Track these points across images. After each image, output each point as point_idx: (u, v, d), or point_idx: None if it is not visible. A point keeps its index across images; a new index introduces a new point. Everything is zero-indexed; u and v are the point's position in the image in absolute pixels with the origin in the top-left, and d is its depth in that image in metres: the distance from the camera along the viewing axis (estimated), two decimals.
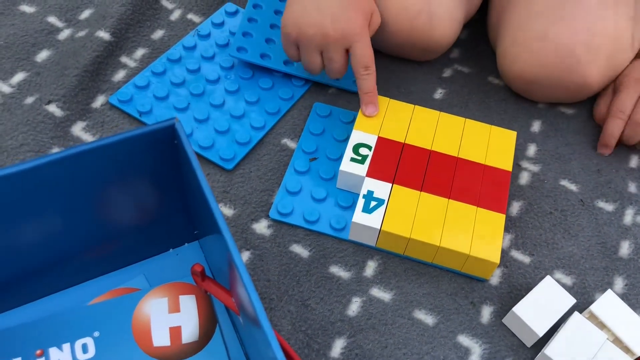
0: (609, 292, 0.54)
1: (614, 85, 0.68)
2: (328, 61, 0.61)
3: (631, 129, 0.65)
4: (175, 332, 0.48)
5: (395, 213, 0.56)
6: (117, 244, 0.51)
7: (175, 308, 0.50)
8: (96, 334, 0.48)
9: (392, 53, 0.71)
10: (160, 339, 0.48)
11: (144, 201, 0.49)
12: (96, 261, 0.51)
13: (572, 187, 0.64)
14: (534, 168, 0.65)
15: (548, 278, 0.55)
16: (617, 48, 0.65)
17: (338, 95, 0.69)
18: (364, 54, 0.59)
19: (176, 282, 0.51)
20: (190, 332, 0.48)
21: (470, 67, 0.74)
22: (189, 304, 0.50)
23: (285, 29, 0.60)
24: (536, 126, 0.69)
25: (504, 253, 0.59)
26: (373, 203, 0.56)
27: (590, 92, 0.67)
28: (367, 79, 0.61)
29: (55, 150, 0.60)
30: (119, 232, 0.50)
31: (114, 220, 0.49)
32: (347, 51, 0.60)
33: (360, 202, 0.56)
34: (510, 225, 0.61)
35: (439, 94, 0.71)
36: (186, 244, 0.54)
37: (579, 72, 0.64)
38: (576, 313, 0.52)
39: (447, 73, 0.73)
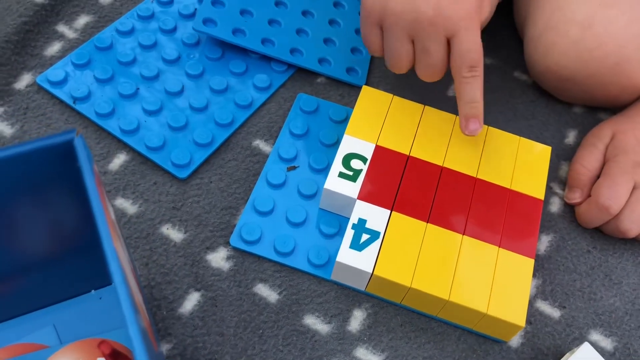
0: None
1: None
2: (422, 52, 0.45)
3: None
4: None
5: (392, 252, 0.43)
6: (18, 283, 0.37)
7: None
8: None
9: None
10: None
11: (51, 228, 0.36)
12: None
13: None
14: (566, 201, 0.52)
15: (586, 346, 0.42)
16: None
17: (329, 85, 0.55)
18: (471, 49, 0.43)
19: (96, 339, 0.38)
20: None
21: (493, 57, 0.60)
22: None
23: (367, 3, 0.45)
24: (571, 137, 0.56)
25: (528, 304, 0.46)
26: (365, 236, 0.43)
27: (633, 98, 0.54)
28: (472, 84, 0.45)
29: None
30: (20, 268, 0.37)
31: (14, 252, 0.36)
32: (449, 41, 0.44)
33: (349, 234, 0.43)
34: (536, 266, 0.48)
35: (453, 90, 0.57)
36: (113, 283, 0.41)
37: (627, 72, 0.51)
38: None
39: None
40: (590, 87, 0.53)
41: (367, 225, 0.44)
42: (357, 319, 0.44)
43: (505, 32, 0.62)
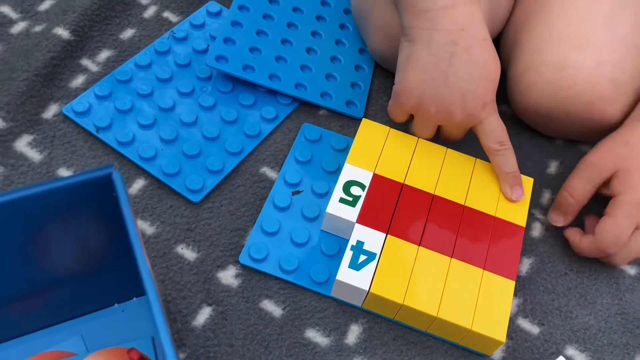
0: None
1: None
2: (448, 133, 0.53)
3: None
4: None
5: (387, 272, 0.47)
6: (50, 296, 0.42)
7: None
8: None
9: None
10: None
11: (82, 248, 0.40)
12: (22, 316, 0.42)
13: None
14: (548, 220, 0.56)
15: (561, 359, 0.46)
16: None
17: (330, 117, 0.60)
18: (494, 128, 0.51)
19: (120, 348, 0.42)
20: None
21: None
22: None
23: (401, 97, 0.51)
24: (553, 167, 0.60)
25: (510, 321, 0.50)
26: (362, 257, 0.48)
27: (604, 133, 0.58)
28: (506, 155, 0.51)
29: None
30: (53, 283, 0.41)
31: (47, 269, 0.40)
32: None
33: (348, 254, 0.48)
34: (518, 286, 0.52)
35: None
36: (135, 298, 0.45)
37: (600, 109, 0.55)
38: None
39: None
40: (566, 123, 0.58)
41: (365, 247, 0.48)
42: (354, 333, 0.48)
43: None
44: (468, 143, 0.61)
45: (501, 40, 0.64)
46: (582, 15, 0.55)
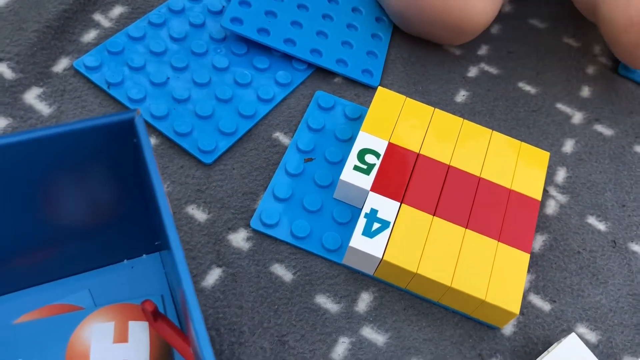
0: None
1: None
2: None
3: None
4: None
5: (401, 240, 0.46)
6: (59, 249, 0.41)
7: (122, 337, 0.40)
8: None
9: (420, 34, 0.61)
10: None
11: (96, 200, 0.39)
12: (30, 268, 0.41)
13: (604, 224, 0.55)
14: (562, 198, 0.56)
15: (573, 336, 0.46)
16: None
17: (345, 85, 0.59)
18: None
19: (127, 304, 0.41)
20: None
21: (500, 68, 0.64)
22: (139, 334, 0.40)
23: None
24: (569, 146, 0.60)
25: (522, 297, 0.50)
26: (376, 225, 0.47)
27: None
28: None
29: (0, 120, 0.50)
30: (63, 235, 0.40)
31: (57, 220, 0.39)
32: None
33: (361, 222, 0.47)
34: (531, 263, 0.52)
35: (461, 96, 0.61)
36: (144, 255, 0.45)
37: None
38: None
39: (472, 72, 0.63)
40: None
41: (379, 215, 0.47)
42: (364, 301, 0.47)
43: (514, 46, 0.66)
44: (484, 117, 0.60)
45: None
46: None
